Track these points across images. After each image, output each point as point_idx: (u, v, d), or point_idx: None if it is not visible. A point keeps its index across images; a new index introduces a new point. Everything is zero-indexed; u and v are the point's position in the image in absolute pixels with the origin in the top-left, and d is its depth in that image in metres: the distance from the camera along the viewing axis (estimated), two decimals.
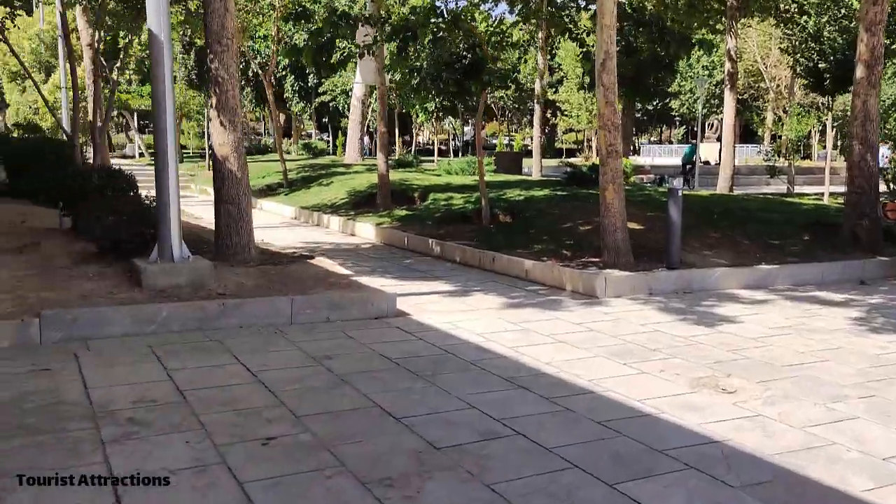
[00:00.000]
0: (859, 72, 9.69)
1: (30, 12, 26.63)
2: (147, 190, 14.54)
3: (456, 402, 4.31)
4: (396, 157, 27.38)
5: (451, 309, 6.84)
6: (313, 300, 6.18)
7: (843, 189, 22.09)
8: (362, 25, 10.40)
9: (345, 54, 11.22)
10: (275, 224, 14.56)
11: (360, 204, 15.03)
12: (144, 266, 6.15)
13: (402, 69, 10.92)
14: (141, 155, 33.62)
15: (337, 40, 10.27)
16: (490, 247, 9.70)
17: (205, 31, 7.50)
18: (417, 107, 19.97)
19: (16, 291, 5.84)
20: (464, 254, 9.72)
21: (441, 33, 10.69)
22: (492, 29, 11.69)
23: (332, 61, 10.38)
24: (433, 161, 31.45)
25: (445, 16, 10.37)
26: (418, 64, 11.20)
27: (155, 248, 6.34)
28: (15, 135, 15.18)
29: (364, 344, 5.52)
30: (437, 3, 11.25)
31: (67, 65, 15.61)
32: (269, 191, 20.10)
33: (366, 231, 12.50)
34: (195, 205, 18.44)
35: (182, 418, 3.95)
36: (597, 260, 8.61)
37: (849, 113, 11.08)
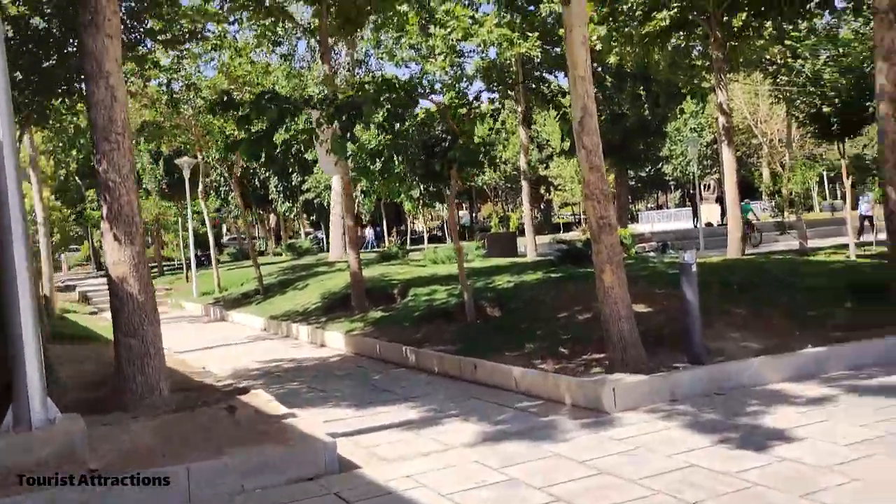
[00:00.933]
0: (883, 108, 8.30)
1: None
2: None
3: None
4: (381, 250, 26.00)
5: (415, 451, 5.18)
6: (219, 467, 4.52)
7: (865, 239, 20.70)
8: (306, 109, 9.11)
9: (290, 144, 9.93)
10: (239, 339, 12.96)
11: (333, 307, 13.46)
12: None
13: (351, 152, 9.63)
14: None
15: (279, 128, 8.95)
16: (473, 350, 8.10)
17: (90, 127, 6.13)
18: (403, 195, 18.87)
19: None
20: (441, 362, 8.10)
21: (398, 109, 9.44)
22: (456, 101, 10.43)
23: (275, 154, 9.00)
24: (425, 249, 30.09)
25: (398, 89, 9.07)
26: (374, 146, 9.94)
27: (10, 411, 4.74)
28: None
29: None
30: (400, 75, 10.15)
31: None
32: (243, 299, 18.60)
33: (335, 340, 10.90)
34: (165, 322, 16.91)
35: None
36: (601, 356, 7.01)
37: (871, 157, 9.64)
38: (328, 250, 36.09)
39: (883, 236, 9.89)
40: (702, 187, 35.60)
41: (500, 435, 5.42)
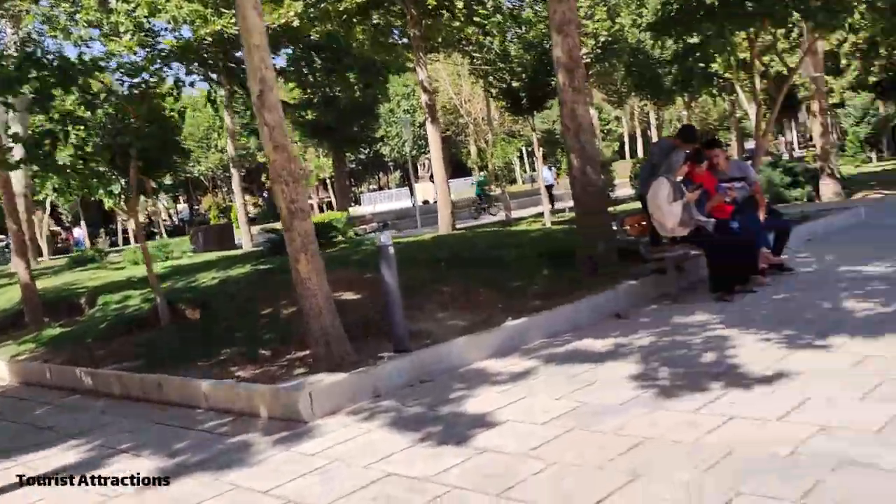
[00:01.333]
0: (561, 77, 8.61)
1: None
2: None
3: None
4: (76, 254, 23.06)
5: None
6: None
7: (560, 206, 22.54)
8: None
9: None
10: None
11: (3, 328, 11.35)
12: None
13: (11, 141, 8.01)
14: None
15: None
16: (162, 363, 7.03)
17: None
18: (101, 191, 16.75)
19: None
20: (122, 382, 6.93)
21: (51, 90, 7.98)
22: (126, 79, 9.13)
23: None
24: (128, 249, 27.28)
25: (46, 65, 7.62)
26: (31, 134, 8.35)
27: None
28: None
29: None
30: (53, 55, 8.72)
31: None
32: None
33: None
34: None
35: None
36: (306, 354, 6.40)
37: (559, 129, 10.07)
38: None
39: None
40: (417, 167, 36.67)
41: (174, 469, 4.51)
